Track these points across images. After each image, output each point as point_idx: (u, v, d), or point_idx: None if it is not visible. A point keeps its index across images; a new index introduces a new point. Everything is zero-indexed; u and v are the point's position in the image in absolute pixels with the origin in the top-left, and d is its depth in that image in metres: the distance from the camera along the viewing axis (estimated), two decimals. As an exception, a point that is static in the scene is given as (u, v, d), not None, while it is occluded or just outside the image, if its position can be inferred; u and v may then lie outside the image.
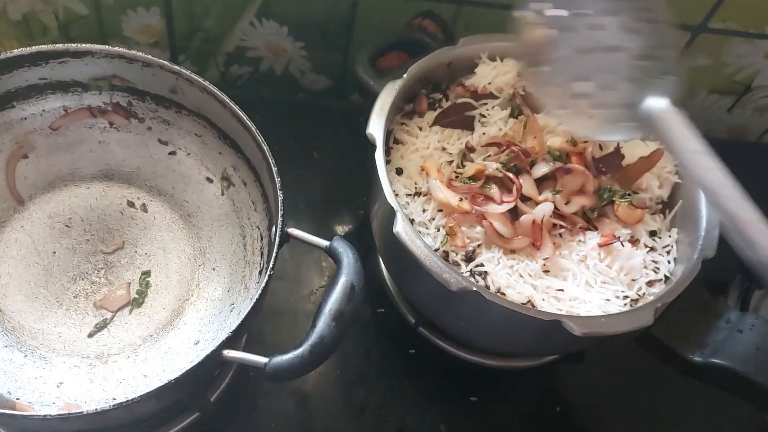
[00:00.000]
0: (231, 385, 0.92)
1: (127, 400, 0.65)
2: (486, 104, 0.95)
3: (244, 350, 0.73)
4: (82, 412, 0.65)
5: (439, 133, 0.93)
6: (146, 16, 1.12)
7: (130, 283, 0.90)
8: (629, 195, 0.88)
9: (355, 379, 0.98)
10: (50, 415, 0.65)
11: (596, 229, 0.87)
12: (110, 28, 1.14)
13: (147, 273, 0.91)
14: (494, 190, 0.86)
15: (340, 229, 1.11)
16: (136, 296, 0.89)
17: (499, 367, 1.00)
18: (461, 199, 0.84)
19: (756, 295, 1.10)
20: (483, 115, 0.93)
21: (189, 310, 0.88)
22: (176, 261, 0.92)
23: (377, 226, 0.90)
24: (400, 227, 0.79)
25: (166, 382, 0.66)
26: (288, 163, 1.13)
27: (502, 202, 0.85)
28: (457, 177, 0.89)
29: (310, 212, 1.11)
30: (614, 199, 0.87)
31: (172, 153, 0.96)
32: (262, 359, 0.70)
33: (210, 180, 0.95)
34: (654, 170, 0.93)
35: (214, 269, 0.91)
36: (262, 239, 0.87)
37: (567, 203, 0.86)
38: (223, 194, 0.94)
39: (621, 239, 0.86)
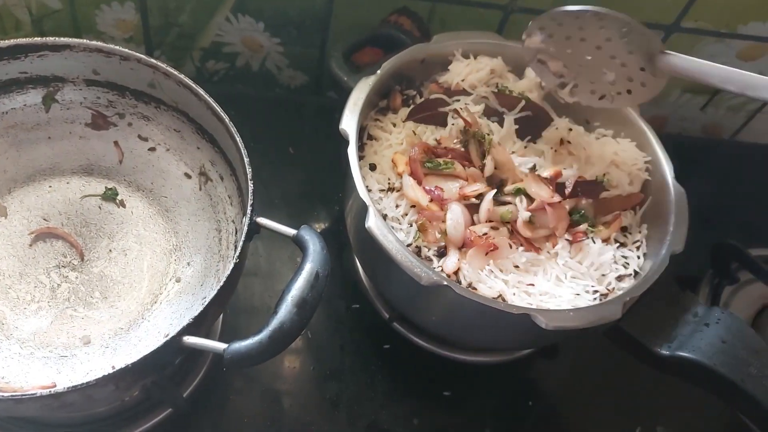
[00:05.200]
0: (204, 381, 0.93)
1: (82, 384, 0.64)
2: (459, 100, 0.96)
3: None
4: (35, 394, 0.64)
5: (413, 128, 0.94)
6: (120, 10, 1.12)
7: (103, 277, 0.89)
8: (596, 228, 0.89)
9: (329, 373, 0.98)
10: (3, 396, 0.64)
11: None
12: (84, 23, 1.14)
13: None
14: (458, 167, 0.87)
15: (316, 225, 1.11)
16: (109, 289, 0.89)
17: (473, 362, 1.01)
18: (431, 200, 0.85)
19: (726, 291, 1.12)
20: (457, 111, 0.94)
21: (161, 303, 0.88)
22: (151, 255, 0.91)
23: (351, 221, 0.90)
24: (372, 222, 0.80)
25: (123, 366, 0.66)
26: (264, 159, 1.14)
27: (468, 178, 0.87)
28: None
29: (285, 208, 1.11)
30: (583, 223, 0.89)
31: (152, 149, 0.96)
32: (221, 345, 0.69)
33: (188, 176, 0.95)
34: (624, 167, 0.94)
35: (189, 263, 0.91)
36: (236, 233, 0.87)
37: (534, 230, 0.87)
38: (200, 189, 0.94)
39: (591, 236, 0.87)
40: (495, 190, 0.87)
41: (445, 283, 0.77)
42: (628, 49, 0.89)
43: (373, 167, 0.91)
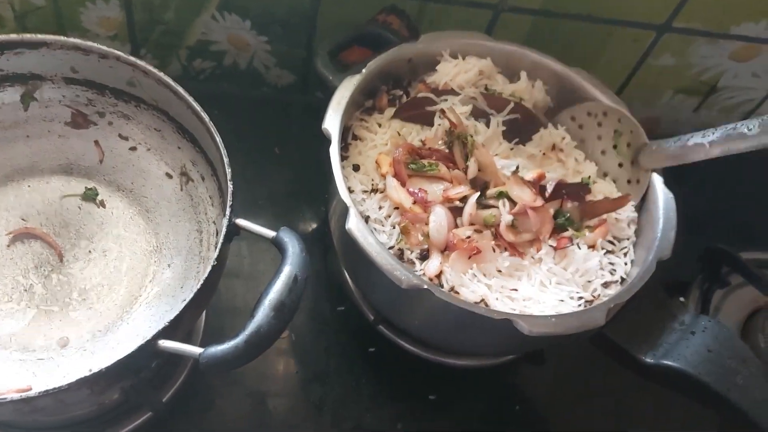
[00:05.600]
0: (186, 384, 0.91)
1: (54, 388, 0.63)
2: (446, 100, 0.95)
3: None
4: (5, 398, 0.63)
5: (399, 127, 0.92)
6: (105, 8, 1.10)
7: (82, 279, 0.88)
8: (582, 231, 0.88)
9: (314, 376, 0.97)
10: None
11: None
12: (68, 20, 1.12)
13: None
14: (442, 169, 0.86)
15: (301, 226, 1.10)
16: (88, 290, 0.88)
17: (459, 365, 1.00)
18: (414, 202, 0.84)
19: (717, 295, 1.10)
20: (442, 111, 0.93)
21: (141, 305, 0.86)
22: (131, 257, 0.90)
23: (334, 223, 0.89)
24: (353, 224, 0.79)
25: (97, 371, 0.65)
26: (249, 158, 1.13)
27: (452, 181, 0.85)
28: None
29: (270, 208, 1.10)
30: (568, 228, 0.87)
31: (133, 148, 0.95)
32: (197, 349, 0.68)
33: (169, 175, 0.94)
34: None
35: (169, 265, 0.90)
36: (217, 234, 0.86)
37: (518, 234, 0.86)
38: (182, 189, 0.93)
39: (577, 242, 0.86)
40: (478, 193, 0.85)
41: (426, 286, 0.76)
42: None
43: (356, 168, 0.90)
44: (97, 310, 0.86)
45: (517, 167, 0.90)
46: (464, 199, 0.85)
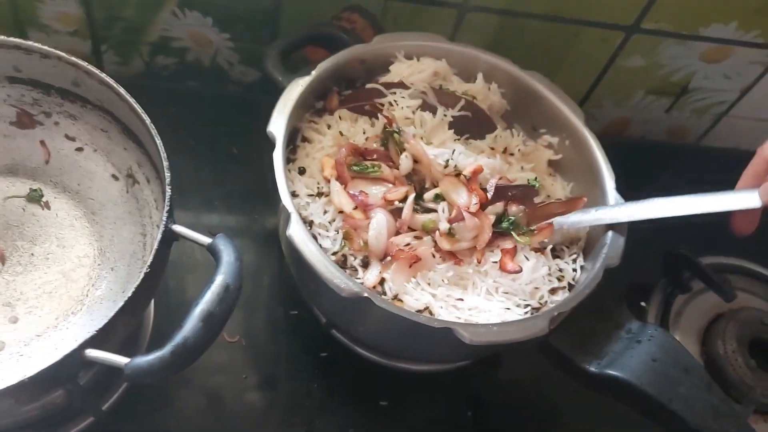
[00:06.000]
0: (133, 387, 0.89)
1: None
2: (395, 93, 0.93)
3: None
4: None
5: (347, 122, 0.91)
6: (63, 3, 1.08)
7: (23, 282, 0.87)
8: (527, 233, 0.86)
9: (263, 382, 0.95)
10: None
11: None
12: (26, 16, 1.10)
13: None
14: (385, 171, 0.85)
15: (257, 228, 1.08)
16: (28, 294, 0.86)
17: (412, 370, 0.98)
18: (355, 207, 0.82)
19: (679, 300, 1.09)
20: (391, 104, 0.91)
21: (82, 310, 0.85)
22: (74, 260, 0.88)
23: (281, 228, 0.88)
24: (293, 230, 0.77)
25: (19, 380, 0.63)
26: (206, 158, 1.11)
27: (395, 182, 0.84)
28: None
29: (226, 209, 1.08)
30: (512, 232, 0.85)
31: (79, 149, 0.93)
32: (123, 360, 0.66)
33: (116, 177, 0.92)
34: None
35: (112, 269, 0.88)
36: (161, 239, 0.84)
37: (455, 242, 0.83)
38: (127, 192, 0.91)
39: (523, 254, 0.84)
40: (414, 195, 0.84)
41: (366, 294, 0.75)
42: None
43: (302, 171, 0.88)
44: (36, 314, 0.84)
45: (453, 151, 0.88)
46: (405, 200, 0.84)
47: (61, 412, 0.86)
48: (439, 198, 0.84)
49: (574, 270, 0.86)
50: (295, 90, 0.87)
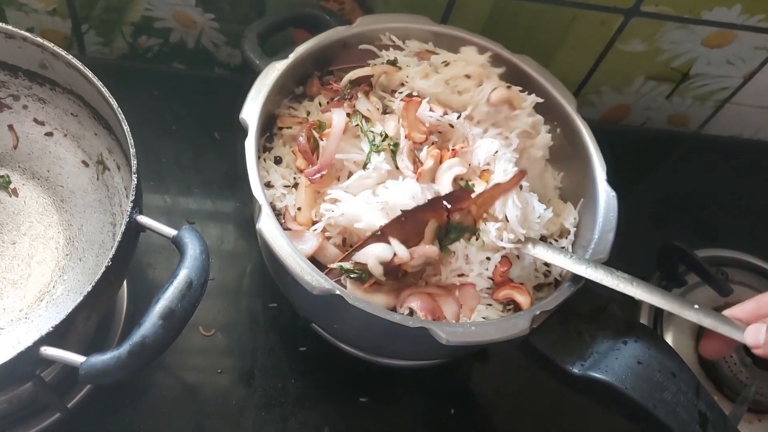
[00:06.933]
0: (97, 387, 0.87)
1: None
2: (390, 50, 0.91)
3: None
4: None
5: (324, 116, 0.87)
6: (39, -20, 1.05)
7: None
8: (477, 233, 0.80)
9: (239, 377, 0.92)
10: None
11: None
12: (2, -7, 1.07)
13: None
14: None
15: (236, 217, 1.04)
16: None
17: (394, 366, 0.95)
18: None
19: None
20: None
21: (47, 302, 0.82)
22: (42, 249, 0.86)
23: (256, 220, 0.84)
24: (263, 223, 0.74)
25: None
26: (185, 143, 1.08)
27: None
28: None
29: (204, 196, 1.05)
30: (462, 239, 0.80)
31: (49, 134, 0.90)
32: (79, 359, 0.63)
33: (86, 163, 0.89)
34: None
35: (80, 259, 0.85)
36: (132, 229, 0.81)
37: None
38: (98, 179, 0.88)
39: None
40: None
41: (338, 292, 0.71)
42: None
43: (278, 161, 0.85)
44: (0, 305, 0.82)
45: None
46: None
47: (28, 406, 0.84)
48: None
49: (561, 265, 0.82)
50: (271, 74, 0.84)
